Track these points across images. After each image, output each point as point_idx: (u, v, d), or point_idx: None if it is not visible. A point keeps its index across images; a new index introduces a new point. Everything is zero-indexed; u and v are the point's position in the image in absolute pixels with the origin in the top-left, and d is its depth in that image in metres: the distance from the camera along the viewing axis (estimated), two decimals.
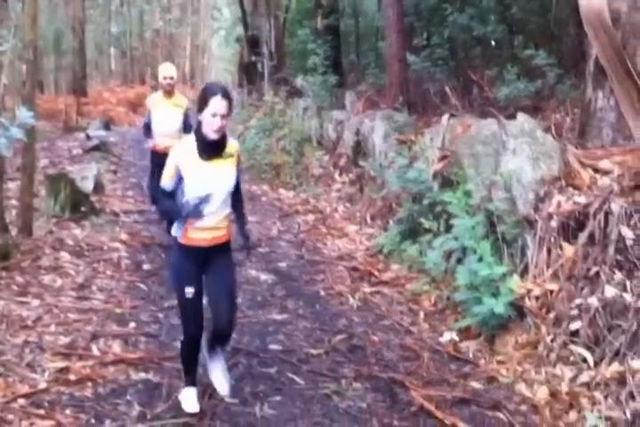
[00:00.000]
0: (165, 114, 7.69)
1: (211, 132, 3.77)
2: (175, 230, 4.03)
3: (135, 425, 4.01)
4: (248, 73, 20.31)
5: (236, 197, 4.12)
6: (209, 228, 3.95)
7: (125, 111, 25.04)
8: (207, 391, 4.41)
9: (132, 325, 5.55)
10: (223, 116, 3.75)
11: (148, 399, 4.33)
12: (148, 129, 7.85)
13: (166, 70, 7.79)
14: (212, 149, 3.85)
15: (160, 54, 39.19)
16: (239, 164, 4.05)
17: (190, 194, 3.83)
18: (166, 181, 3.91)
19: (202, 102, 3.77)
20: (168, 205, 4.00)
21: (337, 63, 15.76)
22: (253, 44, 19.68)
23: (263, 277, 6.89)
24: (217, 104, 3.72)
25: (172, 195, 3.93)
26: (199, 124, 3.84)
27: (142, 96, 27.20)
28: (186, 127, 7.64)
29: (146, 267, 7.08)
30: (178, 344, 5.12)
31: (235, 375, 4.68)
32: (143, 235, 8.34)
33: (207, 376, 4.59)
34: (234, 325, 4.23)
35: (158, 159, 7.40)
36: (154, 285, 6.54)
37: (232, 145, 3.98)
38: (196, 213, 3.79)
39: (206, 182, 3.83)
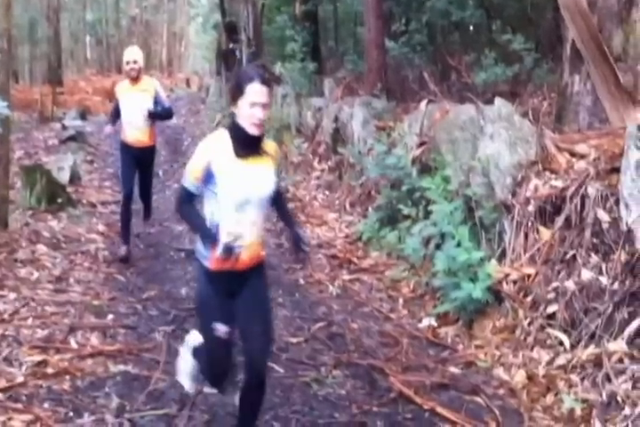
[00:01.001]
0: (132, 103, 6.90)
1: (250, 126, 3.19)
2: (200, 251, 3.38)
3: (114, 418, 3.97)
4: (226, 60, 20.16)
5: (279, 197, 3.54)
6: (246, 245, 3.27)
7: (102, 100, 24.71)
8: None
9: (110, 317, 5.51)
10: (264, 106, 3.18)
11: (127, 391, 4.30)
12: (115, 114, 7.11)
13: (129, 54, 6.95)
14: (250, 145, 3.26)
15: (136, 42, 38.85)
16: (278, 166, 3.50)
17: (224, 199, 3.23)
18: (191, 181, 3.27)
19: (236, 91, 3.21)
20: (197, 223, 3.35)
21: (315, 50, 15.69)
22: (231, 30, 19.53)
23: None
24: (255, 91, 3.15)
25: (193, 198, 3.34)
26: (233, 116, 3.27)
27: None
28: (162, 111, 6.98)
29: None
30: (156, 335, 5.16)
31: None
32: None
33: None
34: (267, 365, 3.56)
35: (129, 152, 7.03)
36: (132, 276, 6.50)
37: (269, 144, 3.42)
38: (228, 252, 3.15)
39: (244, 185, 3.23)
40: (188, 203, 3.35)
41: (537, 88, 8.83)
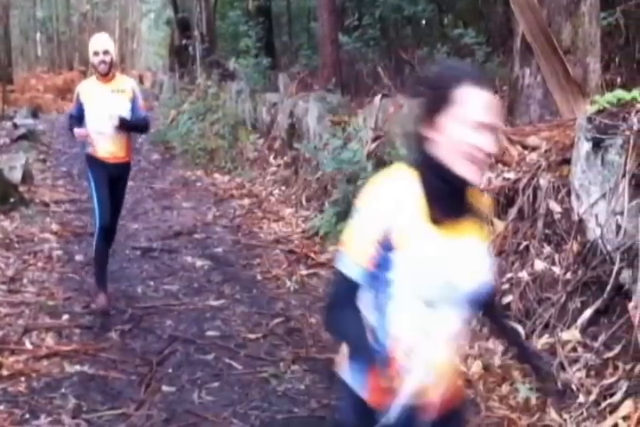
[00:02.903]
0: (103, 107, 5.35)
1: (464, 166, 1.83)
2: (352, 376, 2.00)
3: (71, 418, 3.93)
4: (179, 56, 20.01)
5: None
6: (435, 369, 1.91)
7: (53, 98, 24.42)
8: (144, 381, 4.37)
9: (66, 317, 5.43)
10: (492, 129, 1.84)
11: (84, 392, 4.25)
12: (76, 122, 5.47)
13: (97, 43, 5.44)
14: (457, 200, 1.90)
15: (88, 39, 38.28)
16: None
17: (405, 294, 1.87)
18: (357, 264, 1.87)
19: (436, 100, 1.86)
20: (353, 332, 1.89)
21: (269, 45, 15.65)
22: (184, 26, 19.38)
23: (199, 263, 6.83)
24: (479, 102, 1.83)
25: (355, 292, 1.90)
26: (424, 147, 1.90)
27: (70, 82, 26.59)
28: (137, 122, 5.56)
29: (78, 258, 6.92)
30: (112, 335, 5.10)
31: (172, 363, 4.64)
32: (75, 224, 8.17)
33: (144, 366, 4.57)
34: None
35: (103, 169, 5.47)
36: (87, 275, 6.39)
37: (480, 196, 2.04)
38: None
39: (443, 271, 1.86)
40: (347, 301, 1.91)
41: (488, 81, 8.92)
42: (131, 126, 5.52)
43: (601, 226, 4.16)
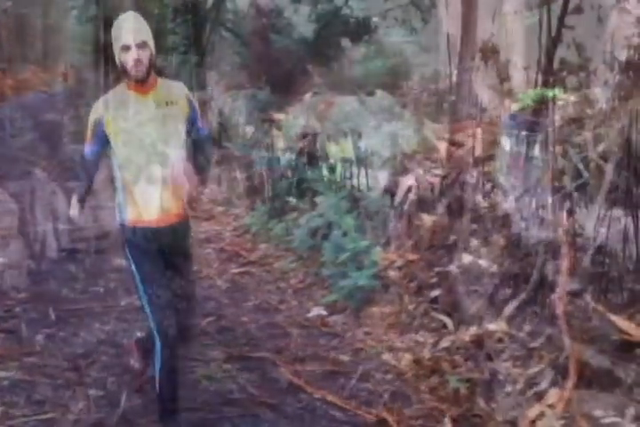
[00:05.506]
0: (149, 133, 3.41)
1: None
2: None
3: None
4: (105, 53, 19.64)
5: None
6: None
7: None
8: (71, 385, 4.27)
9: None
10: None
11: (10, 397, 4.11)
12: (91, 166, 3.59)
13: (128, 31, 3.43)
14: None
15: (8, 36, 37.19)
16: None
17: None
18: None
19: None
20: None
21: (198, 42, 15.49)
22: (109, 23, 19.03)
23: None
24: None
25: None
26: None
27: None
28: (202, 150, 3.81)
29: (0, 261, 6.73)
30: (38, 338, 4.97)
31: (100, 367, 4.55)
32: None
33: (71, 370, 4.46)
34: None
35: (148, 244, 3.55)
36: (10, 278, 6.22)
37: None
38: None
39: None
40: None
41: (418, 80, 9.05)
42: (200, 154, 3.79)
43: (525, 220, 4.26)
